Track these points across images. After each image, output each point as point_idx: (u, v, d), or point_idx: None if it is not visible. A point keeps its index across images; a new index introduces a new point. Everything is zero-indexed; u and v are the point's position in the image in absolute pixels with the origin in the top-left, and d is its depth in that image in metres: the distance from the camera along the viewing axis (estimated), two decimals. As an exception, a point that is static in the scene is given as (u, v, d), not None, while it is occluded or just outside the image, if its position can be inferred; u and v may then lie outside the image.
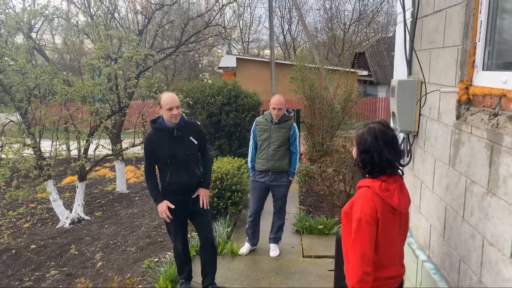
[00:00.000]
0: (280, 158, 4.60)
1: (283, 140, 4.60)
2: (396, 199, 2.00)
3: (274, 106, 4.52)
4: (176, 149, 3.49)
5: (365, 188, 2.04)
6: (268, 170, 4.62)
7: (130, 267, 4.93)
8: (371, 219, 1.97)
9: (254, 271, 4.43)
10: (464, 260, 2.08)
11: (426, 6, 2.71)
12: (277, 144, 4.57)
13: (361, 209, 1.99)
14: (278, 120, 4.57)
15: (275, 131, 4.59)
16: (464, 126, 2.11)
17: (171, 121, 3.43)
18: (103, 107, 6.95)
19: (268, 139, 4.60)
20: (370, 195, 2.01)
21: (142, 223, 6.58)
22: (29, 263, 5.26)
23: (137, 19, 8.63)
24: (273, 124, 4.60)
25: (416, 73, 2.92)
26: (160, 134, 3.51)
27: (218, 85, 9.23)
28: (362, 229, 1.97)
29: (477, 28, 2.06)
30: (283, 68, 18.14)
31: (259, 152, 4.68)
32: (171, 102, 3.38)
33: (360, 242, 1.98)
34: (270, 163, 4.59)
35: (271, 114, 4.59)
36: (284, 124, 4.60)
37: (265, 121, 4.66)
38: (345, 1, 41.04)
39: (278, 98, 4.57)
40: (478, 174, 1.94)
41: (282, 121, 4.59)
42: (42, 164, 6.22)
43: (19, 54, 5.88)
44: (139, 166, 10.91)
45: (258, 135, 4.70)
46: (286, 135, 4.61)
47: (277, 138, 4.58)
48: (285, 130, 4.60)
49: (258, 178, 4.72)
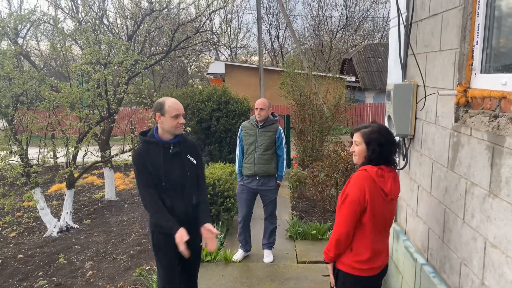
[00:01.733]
0: (267, 162, 4.59)
1: (269, 144, 4.59)
2: (389, 185, 2.28)
3: (256, 106, 4.57)
4: (172, 168, 2.89)
5: (362, 171, 2.30)
6: (255, 174, 4.60)
7: (121, 275, 4.83)
8: (356, 199, 2.23)
9: (249, 278, 4.39)
10: (465, 263, 2.08)
11: (421, 11, 2.73)
12: (263, 148, 4.57)
13: (351, 188, 2.27)
14: (263, 123, 4.57)
15: (260, 134, 4.58)
16: (463, 129, 2.12)
17: (176, 132, 2.88)
18: (93, 113, 6.84)
19: (254, 143, 4.59)
20: (363, 178, 2.27)
21: (132, 230, 6.47)
22: (16, 274, 5.11)
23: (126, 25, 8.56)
24: (258, 128, 4.59)
25: (411, 77, 2.94)
26: (152, 149, 2.89)
27: (208, 91, 9.21)
28: (345, 205, 2.27)
29: (474, 31, 2.08)
30: (272, 74, 18.20)
31: (246, 156, 4.66)
32: (178, 108, 2.85)
33: (340, 217, 2.29)
34: (257, 167, 4.58)
35: (256, 118, 4.59)
36: (270, 127, 4.61)
37: (251, 126, 4.65)
38: (332, 8, 41.47)
39: (262, 99, 4.65)
40: (478, 176, 1.95)
41: (267, 125, 4.60)
42: (30, 171, 6.09)
43: (6, 59, 5.76)
44: (127, 173, 10.77)
45: (244, 140, 4.69)
46: (272, 138, 4.61)
47: (263, 141, 4.57)
48: (271, 134, 4.60)
49: (246, 183, 4.69)
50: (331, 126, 10.03)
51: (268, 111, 4.61)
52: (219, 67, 20.65)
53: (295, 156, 10.08)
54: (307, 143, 9.80)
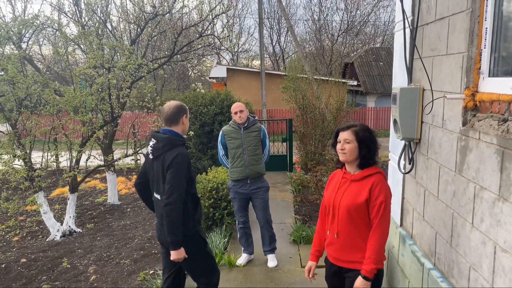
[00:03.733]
0: (257, 162, 4.60)
1: (256, 144, 4.60)
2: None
3: (235, 109, 4.52)
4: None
5: (379, 174, 2.47)
6: (246, 177, 4.56)
7: (125, 280, 4.82)
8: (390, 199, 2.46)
9: (253, 282, 4.37)
10: (475, 268, 2.07)
11: (427, 15, 2.73)
12: (252, 149, 4.56)
13: (386, 189, 2.44)
14: (246, 124, 4.56)
15: (246, 136, 4.55)
16: (471, 133, 2.11)
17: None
18: (96, 117, 6.85)
19: (241, 146, 4.54)
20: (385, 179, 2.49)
21: (135, 234, 6.47)
22: (19, 278, 5.11)
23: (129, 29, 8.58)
24: (242, 130, 4.57)
25: (417, 80, 2.93)
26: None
27: (210, 95, 9.22)
28: (388, 206, 2.43)
29: (482, 35, 2.08)
30: (273, 78, 18.23)
31: (234, 160, 4.60)
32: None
33: (386, 221, 2.42)
34: (248, 169, 4.55)
35: (235, 121, 4.56)
36: (253, 127, 4.60)
37: (233, 129, 4.60)
38: (333, 12, 41.61)
39: (237, 103, 4.64)
40: (488, 180, 1.94)
41: (250, 125, 4.59)
42: (33, 175, 6.09)
43: (10, 63, 5.78)
44: (130, 177, 10.77)
45: (228, 145, 4.63)
46: (257, 138, 4.61)
47: (250, 142, 4.56)
48: (256, 133, 4.59)
49: (237, 188, 4.65)
50: (333, 130, 10.01)
51: (246, 112, 4.60)
52: (221, 71, 20.69)
53: (298, 160, 10.07)
54: (309, 147, 9.79)
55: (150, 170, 3.02)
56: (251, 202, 4.72)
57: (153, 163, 2.95)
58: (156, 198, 3.00)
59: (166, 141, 2.89)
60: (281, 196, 7.79)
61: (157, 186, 2.97)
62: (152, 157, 2.95)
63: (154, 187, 3.03)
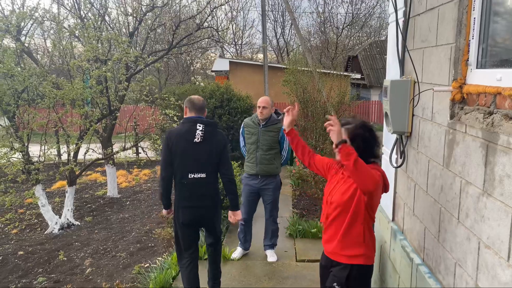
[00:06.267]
0: (269, 162, 4.48)
1: (272, 144, 4.46)
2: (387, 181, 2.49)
3: (259, 104, 4.42)
4: None
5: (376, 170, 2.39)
6: (257, 174, 4.53)
7: (120, 273, 4.83)
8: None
9: (247, 276, 4.35)
10: (460, 264, 2.03)
11: (419, 5, 2.66)
12: (265, 148, 4.44)
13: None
14: (265, 122, 4.44)
15: (262, 134, 4.44)
16: (458, 126, 2.06)
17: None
18: (93, 110, 6.84)
19: (256, 143, 4.46)
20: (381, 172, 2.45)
21: (133, 228, 6.48)
22: (16, 270, 5.13)
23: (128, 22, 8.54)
24: (260, 127, 4.48)
25: (409, 73, 2.87)
26: None
27: (210, 88, 9.19)
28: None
29: (470, 26, 2.02)
30: (276, 71, 18.10)
31: (248, 155, 4.56)
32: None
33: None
34: (259, 167, 4.49)
35: (258, 117, 4.47)
36: (272, 127, 4.45)
37: (253, 124, 4.52)
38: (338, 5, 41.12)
39: (265, 97, 4.52)
40: (473, 174, 1.89)
41: (269, 124, 4.45)
42: (30, 168, 6.10)
43: (6, 56, 5.77)
44: (130, 170, 10.78)
45: (246, 138, 4.58)
46: (275, 138, 4.46)
47: (266, 141, 4.42)
48: (274, 134, 4.45)
49: (248, 181, 4.63)
50: (334, 124, 9.93)
51: (271, 110, 4.48)
52: (224, 65, 20.61)
53: (298, 153, 10.01)
54: (310, 140, 9.72)
55: (186, 154, 3.26)
56: (261, 196, 4.69)
57: (198, 146, 3.25)
58: (197, 177, 3.29)
59: (214, 125, 3.36)
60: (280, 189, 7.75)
61: (200, 166, 3.29)
62: (199, 141, 3.24)
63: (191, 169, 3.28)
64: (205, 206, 3.42)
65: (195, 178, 3.30)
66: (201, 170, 3.30)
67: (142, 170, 10.59)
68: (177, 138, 3.28)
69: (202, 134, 3.25)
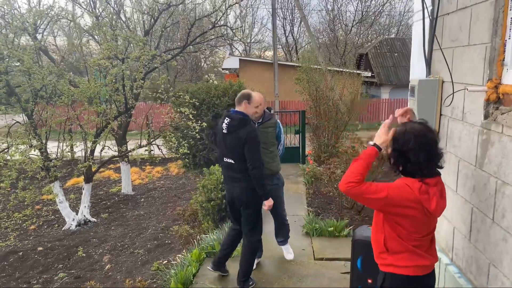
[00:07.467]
0: (272, 160, 4.36)
1: (272, 140, 4.37)
2: (434, 203, 1.96)
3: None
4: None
5: (404, 185, 1.99)
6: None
7: (139, 269, 4.87)
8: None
9: (266, 275, 4.37)
10: (494, 264, 2.03)
11: (448, 4, 2.65)
12: (266, 146, 4.34)
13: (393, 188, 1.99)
14: (261, 120, 4.27)
15: (261, 133, 4.22)
16: (493, 126, 2.05)
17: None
18: (110, 108, 6.89)
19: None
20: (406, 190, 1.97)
21: (149, 225, 6.53)
22: (36, 266, 5.21)
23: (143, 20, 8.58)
24: (257, 126, 4.39)
25: (436, 72, 2.86)
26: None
27: (223, 86, 9.20)
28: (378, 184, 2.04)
29: (507, 25, 2.01)
30: (286, 69, 18.11)
31: None
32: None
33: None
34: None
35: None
36: (268, 123, 4.30)
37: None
38: (347, 2, 40.97)
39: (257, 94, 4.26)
40: (510, 175, 1.88)
41: (265, 121, 4.29)
42: (49, 165, 6.17)
43: (26, 54, 5.83)
44: (143, 167, 10.86)
45: None
46: (273, 133, 4.36)
47: (265, 139, 4.25)
48: (271, 129, 4.33)
49: None
50: (347, 122, 9.92)
51: (264, 106, 4.39)
52: (234, 62, 20.61)
53: (310, 152, 10.02)
54: (322, 139, 9.72)
55: (222, 142, 3.77)
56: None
57: (226, 137, 3.69)
58: (229, 162, 3.75)
59: (238, 121, 3.66)
60: (294, 188, 7.76)
61: (230, 154, 3.72)
62: (226, 132, 3.68)
63: (225, 154, 3.77)
64: (235, 188, 3.80)
65: (228, 162, 3.78)
66: (230, 156, 3.73)
67: (155, 168, 10.66)
68: (218, 128, 3.87)
69: (227, 127, 3.71)
